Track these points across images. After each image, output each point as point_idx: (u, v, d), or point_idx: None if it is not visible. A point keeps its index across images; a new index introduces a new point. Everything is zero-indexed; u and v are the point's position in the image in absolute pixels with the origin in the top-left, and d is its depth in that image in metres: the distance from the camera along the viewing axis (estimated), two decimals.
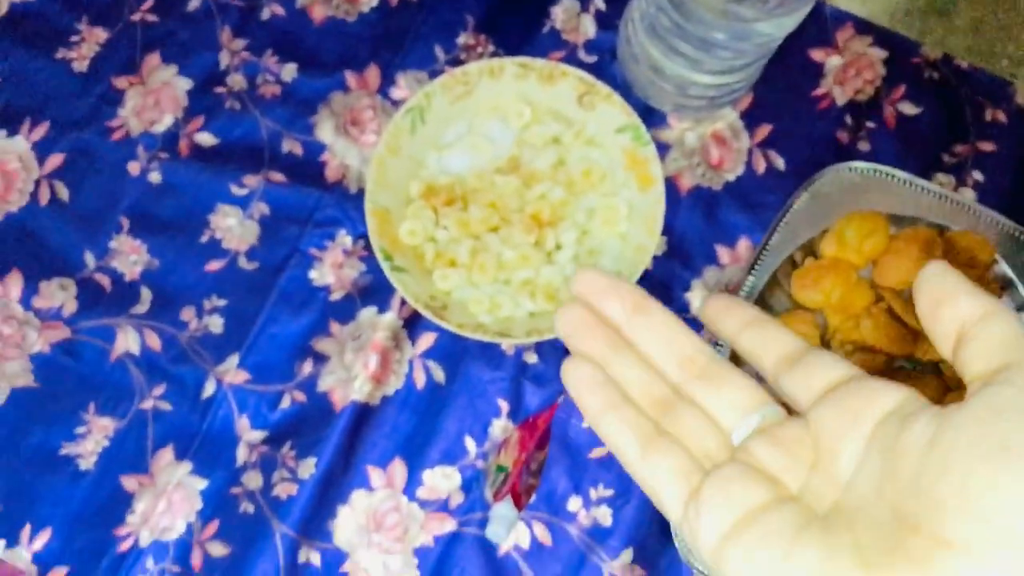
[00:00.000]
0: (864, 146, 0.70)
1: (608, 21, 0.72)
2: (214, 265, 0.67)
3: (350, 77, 0.71)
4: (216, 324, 0.66)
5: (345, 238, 0.68)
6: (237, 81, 0.70)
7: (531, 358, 0.66)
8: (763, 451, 0.29)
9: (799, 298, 0.66)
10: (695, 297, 0.67)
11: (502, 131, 0.64)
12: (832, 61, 0.72)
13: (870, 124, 0.70)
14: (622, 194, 0.62)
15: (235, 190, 0.68)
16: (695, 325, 0.62)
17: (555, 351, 0.66)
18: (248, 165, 0.68)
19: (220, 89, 0.69)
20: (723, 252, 0.68)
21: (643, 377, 0.32)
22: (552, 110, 0.63)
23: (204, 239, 0.67)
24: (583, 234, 0.63)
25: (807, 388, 0.30)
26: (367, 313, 0.66)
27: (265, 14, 0.71)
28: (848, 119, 0.71)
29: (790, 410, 0.31)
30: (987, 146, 0.70)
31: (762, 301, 0.69)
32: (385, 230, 0.61)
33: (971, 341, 0.27)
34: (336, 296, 0.67)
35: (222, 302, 0.66)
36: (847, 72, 0.71)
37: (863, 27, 0.72)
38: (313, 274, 0.67)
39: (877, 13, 0.73)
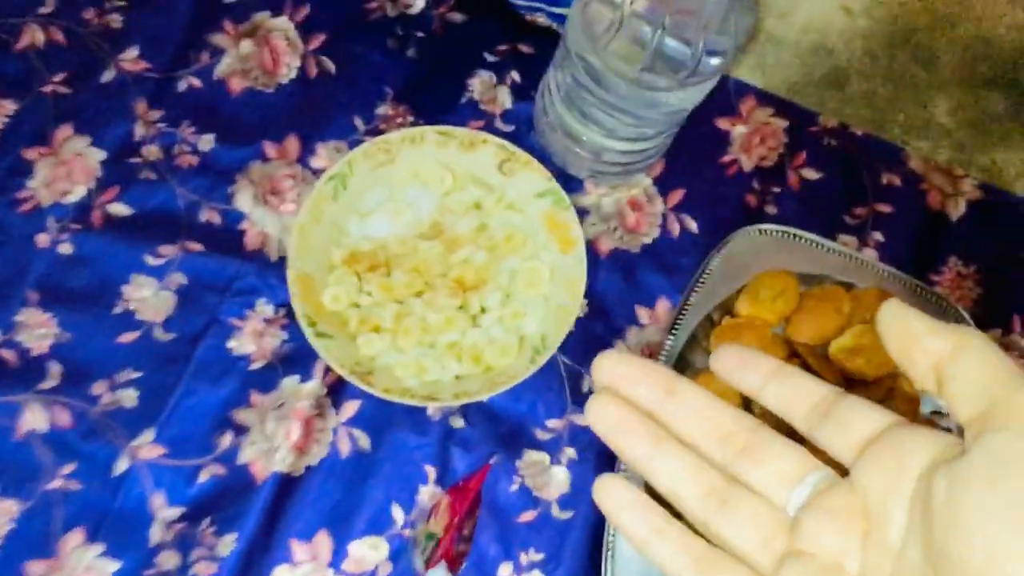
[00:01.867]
0: (772, 209, 0.86)
1: (524, 92, 0.87)
2: (128, 337, 0.77)
3: (269, 147, 0.83)
4: (130, 397, 0.75)
5: (265, 307, 0.79)
6: (153, 151, 0.82)
7: (457, 422, 0.78)
8: (817, 526, 0.32)
9: None
10: None
11: (423, 197, 0.77)
12: (738, 130, 0.88)
13: (776, 188, 0.86)
14: (543, 256, 0.75)
15: (150, 260, 0.79)
16: None
17: (481, 414, 0.78)
18: (164, 235, 0.79)
19: (135, 159, 0.81)
20: (643, 312, 0.82)
21: (689, 469, 0.35)
22: (473, 176, 0.77)
23: (117, 310, 0.77)
24: (506, 296, 0.75)
25: (846, 444, 0.33)
26: (289, 382, 0.77)
27: (181, 86, 0.84)
28: (755, 183, 0.87)
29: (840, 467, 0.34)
30: (885, 208, 0.87)
31: (682, 359, 0.83)
32: (308, 296, 0.73)
33: (950, 382, 0.31)
34: (256, 366, 0.78)
35: (136, 374, 0.76)
36: (752, 140, 0.88)
37: (764, 98, 0.89)
38: (232, 343, 0.78)
39: (776, 85, 0.90)
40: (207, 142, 0.82)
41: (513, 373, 0.71)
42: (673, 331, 0.80)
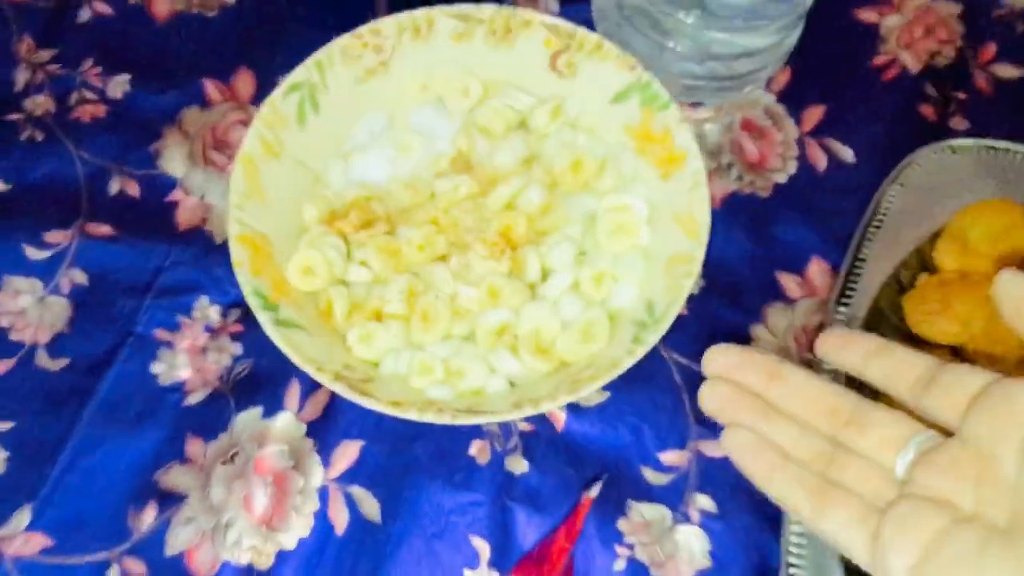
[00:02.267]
0: (959, 122, 0.62)
1: None
2: None
3: (211, 87, 0.60)
4: None
5: (208, 309, 0.55)
6: (40, 104, 0.59)
7: (518, 465, 0.52)
8: (928, 478, 0.34)
9: (922, 332, 0.55)
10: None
11: (438, 119, 0.52)
12: (890, 21, 0.66)
13: (960, 94, 0.63)
14: (635, 189, 0.51)
15: (32, 253, 0.55)
16: None
17: (555, 448, 0.51)
18: (54, 217, 0.56)
19: (14, 116, 0.59)
20: (788, 281, 0.57)
21: (798, 436, 0.38)
22: (512, 80, 0.53)
23: None
24: (580, 253, 0.50)
25: (951, 406, 0.35)
26: (247, 419, 0.51)
27: (83, 15, 0.62)
28: (929, 89, 0.63)
29: (944, 431, 0.36)
30: None
31: None
32: (263, 266, 0.47)
33: None
34: (195, 398, 0.52)
35: (6, 426, 0.51)
36: (912, 32, 0.65)
37: None
38: (158, 367, 0.53)
39: None
40: (119, 85, 0.60)
41: (603, 367, 0.44)
42: (843, 303, 0.55)
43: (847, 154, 0.61)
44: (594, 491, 0.50)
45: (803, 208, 0.59)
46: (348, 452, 0.51)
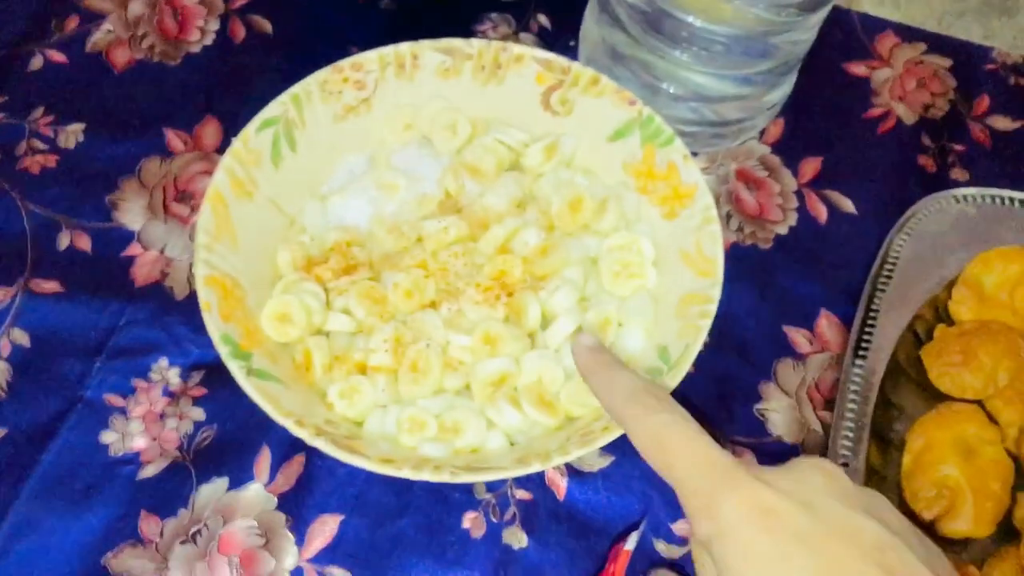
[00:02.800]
0: (959, 173, 0.60)
1: (556, 42, 0.61)
2: None
3: (173, 137, 0.56)
4: None
5: (168, 372, 0.49)
6: None
7: (517, 539, 0.47)
8: None
9: (944, 386, 0.52)
10: (770, 410, 0.51)
11: (425, 159, 0.49)
12: (880, 74, 0.65)
13: (957, 146, 0.63)
14: (638, 229, 0.47)
15: None
16: (780, 457, 0.48)
17: (557, 519, 0.46)
18: None
19: None
20: (798, 336, 0.53)
21: None
22: (503, 119, 0.50)
23: None
24: (581, 300, 0.47)
25: None
26: (211, 491, 0.45)
27: (34, 63, 0.58)
28: (926, 141, 0.62)
29: None
30: None
31: (884, 400, 0.56)
32: (233, 312, 0.42)
33: None
34: (151, 470, 0.46)
35: None
36: (904, 85, 0.65)
37: (907, 33, 0.66)
38: (109, 436, 0.47)
39: (920, 18, 0.70)
40: (72, 135, 0.55)
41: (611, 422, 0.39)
42: (859, 358, 0.52)
43: (847, 205, 0.59)
44: (631, 543, 0.45)
45: (807, 260, 0.56)
46: (326, 528, 0.46)
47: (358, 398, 0.43)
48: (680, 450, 0.34)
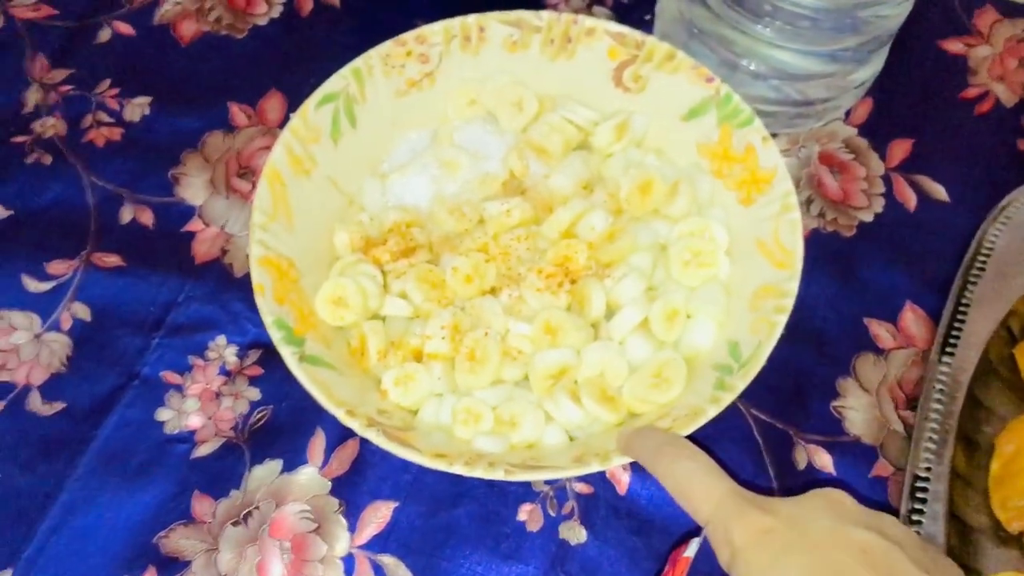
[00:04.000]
0: None
1: (632, 14, 0.58)
2: None
3: (237, 111, 0.55)
4: None
5: (225, 350, 0.49)
6: (50, 126, 0.54)
7: (575, 534, 0.45)
8: None
9: None
10: (848, 408, 0.47)
11: (489, 137, 0.48)
12: (978, 52, 0.61)
13: None
14: (711, 215, 0.45)
15: (32, 285, 0.49)
16: (857, 458, 0.46)
17: (617, 515, 0.44)
18: (58, 245, 0.50)
19: (21, 138, 0.54)
20: (880, 329, 0.50)
21: None
22: (571, 95, 0.48)
23: None
24: (649, 289, 0.45)
25: None
26: (263, 473, 0.45)
27: (102, 35, 0.58)
28: None
29: None
30: None
31: (972, 401, 0.52)
32: (287, 294, 0.41)
33: None
34: (205, 449, 0.46)
35: None
36: (1006, 64, 0.61)
37: (1010, 9, 0.62)
38: (165, 414, 0.47)
39: None
40: (138, 108, 0.55)
41: (681, 418, 0.38)
42: (947, 355, 0.49)
43: (939, 191, 0.55)
44: (692, 549, 0.43)
45: (893, 249, 0.53)
46: (378, 514, 0.45)
47: (413, 386, 0.42)
48: (702, 494, 0.38)
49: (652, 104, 0.48)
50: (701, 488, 0.39)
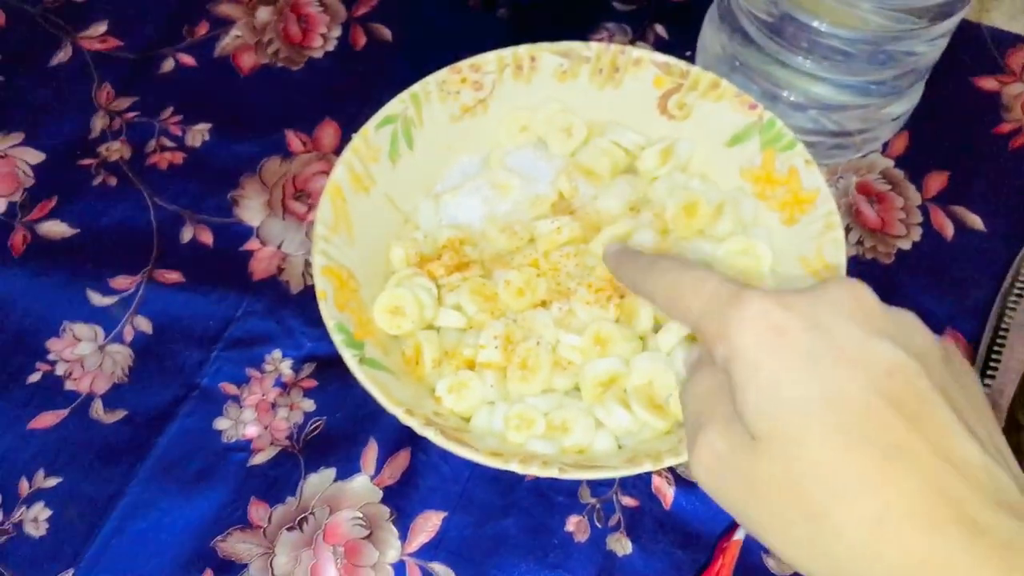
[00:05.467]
0: None
1: (673, 52, 0.63)
2: (46, 420, 0.48)
3: (293, 138, 0.58)
4: (38, 522, 0.45)
5: (281, 363, 0.51)
6: (116, 149, 0.56)
7: (620, 545, 0.46)
8: None
9: None
10: None
11: (540, 161, 0.49)
12: (1012, 89, 0.63)
13: None
14: (756, 233, 0.47)
15: (96, 299, 0.52)
16: None
17: (664, 526, 0.45)
18: (122, 262, 0.53)
19: (87, 161, 0.56)
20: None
21: None
22: (620, 121, 0.50)
23: (34, 379, 0.49)
24: None
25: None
26: (318, 481, 0.46)
27: (166, 65, 0.60)
28: None
29: None
30: None
31: (1014, 424, 0.53)
32: (347, 302, 0.43)
33: None
34: (262, 458, 0.47)
35: (52, 482, 0.47)
36: None
37: None
38: (222, 423, 0.48)
39: None
40: (200, 134, 0.58)
41: None
42: (988, 377, 0.50)
43: (976, 221, 0.56)
44: (741, 532, 0.44)
45: (931, 276, 0.54)
46: (429, 523, 0.46)
47: (466, 393, 0.43)
48: (694, 290, 0.33)
49: (696, 130, 0.49)
50: (692, 285, 0.34)
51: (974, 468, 0.28)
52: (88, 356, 0.50)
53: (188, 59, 0.61)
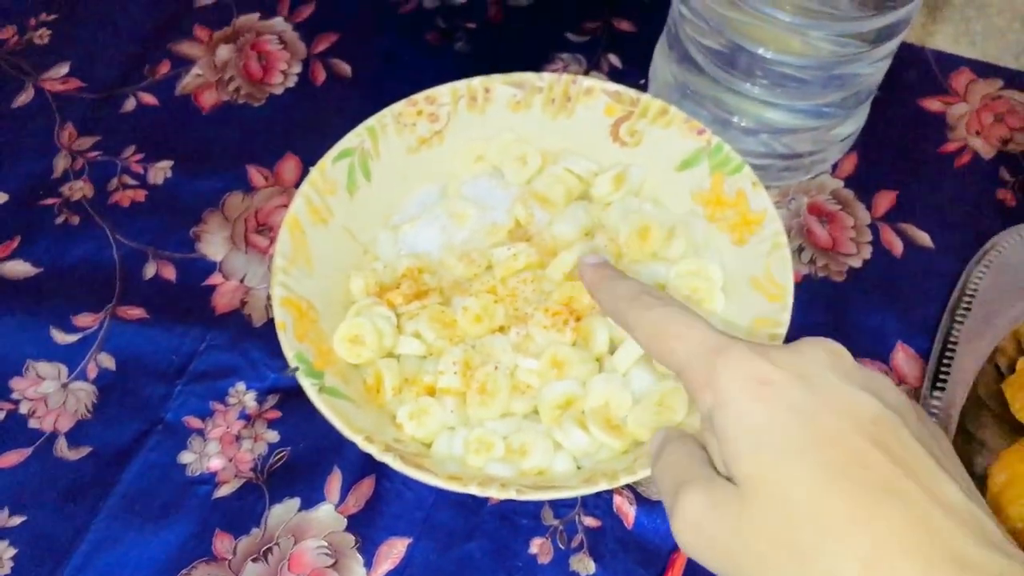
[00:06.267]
0: None
1: (627, 80, 0.63)
2: (10, 459, 0.48)
3: (255, 173, 0.59)
4: (2, 561, 0.45)
5: (245, 396, 0.51)
6: (78, 188, 0.57)
7: (584, 565, 0.46)
8: None
9: None
10: None
11: (495, 190, 0.51)
12: (956, 109, 0.65)
13: None
14: (707, 256, 0.48)
15: (59, 337, 0.52)
16: None
17: (624, 549, 0.46)
18: (85, 300, 0.53)
19: (50, 200, 0.57)
20: (872, 369, 0.54)
21: None
22: (572, 150, 0.51)
23: None
24: None
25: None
26: (282, 511, 0.46)
27: (127, 104, 0.61)
28: (1005, 175, 0.61)
29: None
30: None
31: (964, 434, 0.54)
32: (307, 333, 0.44)
33: None
34: (227, 490, 0.47)
35: (17, 520, 0.47)
36: (981, 120, 0.65)
37: (984, 69, 0.65)
38: (187, 457, 0.49)
39: (997, 55, 0.69)
40: (161, 171, 0.58)
41: None
42: (938, 390, 0.51)
43: (924, 239, 0.58)
44: None
45: (882, 293, 0.56)
46: (394, 550, 0.46)
47: (427, 419, 0.44)
48: (680, 335, 0.34)
49: (648, 156, 0.51)
50: (679, 330, 0.35)
51: (960, 510, 0.29)
52: (52, 394, 0.50)
53: (149, 98, 0.62)
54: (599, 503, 0.48)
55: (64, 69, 0.62)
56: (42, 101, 0.61)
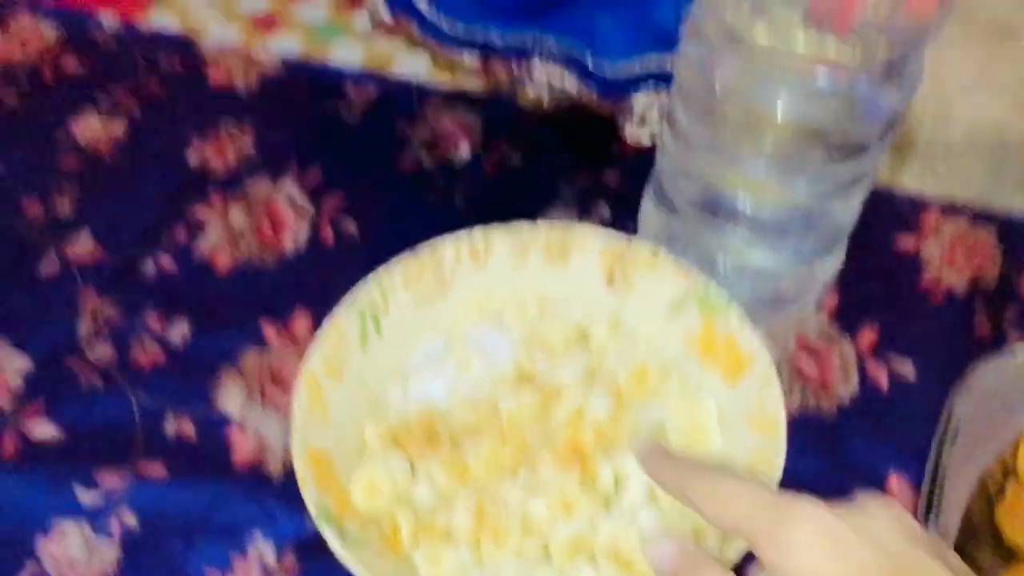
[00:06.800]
0: (1017, 336, 0.64)
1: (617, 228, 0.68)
2: None
3: (269, 329, 0.63)
4: None
5: (264, 547, 0.53)
6: (101, 352, 0.61)
7: None
8: None
9: (1019, 541, 0.53)
10: None
11: (498, 338, 0.53)
12: (929, 247, 0.69)
13: (1010, 313, 0.66)
14: (700, 395, 0.51)
15: (83, 496, 0.54)
16: None
17: None
18: (108, 458, 0.55)
19: (74, 364, 0.61)
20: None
21: None
22: (570, 298, 0.55)
23: None
24: None
25: None
26: None
27: (147, 270, 0.65)
28: (980, 308, 0.65)
29: None
30: None
31: (961, 554, 0.55)
32: (326, 483, 0.46)
33: None
34: None
35: None
36: (953, 257, 0.68)
37: (951, 209, 0.69)
38: None
39: (960, 192, 0.73)
40: (180, 332, 0.62)
41: None
42: (931, 517, 0.53)
43: (909, 371, 0.61)
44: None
45: (872, 425, 0.58)
46: None
47: (443, 564, 0.46)
48: (739, 492, 0.35)
49: (640, 300, 0.54)
50: (742, 491, 0.36)
51: None
52: (76, 552, 0.52)
53: (168, 262, 0.65)
54: None
55: (86, 237, 0.66)
56: (66, 272, 0.65)
